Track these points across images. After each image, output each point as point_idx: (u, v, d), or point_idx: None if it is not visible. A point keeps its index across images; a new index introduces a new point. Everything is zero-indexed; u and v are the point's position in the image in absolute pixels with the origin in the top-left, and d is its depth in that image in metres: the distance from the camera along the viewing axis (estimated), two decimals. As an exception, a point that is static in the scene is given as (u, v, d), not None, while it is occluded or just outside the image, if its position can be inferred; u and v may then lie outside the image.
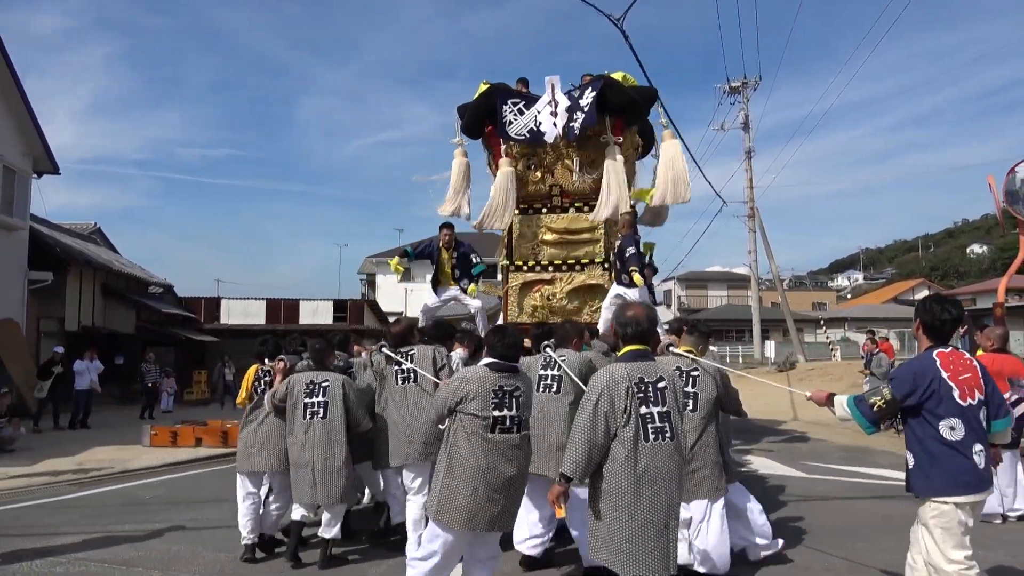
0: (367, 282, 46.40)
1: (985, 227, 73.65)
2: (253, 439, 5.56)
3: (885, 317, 41.07)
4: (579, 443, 3.25)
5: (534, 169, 8.15)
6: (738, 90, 29.84)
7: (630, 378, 3.32)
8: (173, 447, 11.96)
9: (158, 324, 23.87)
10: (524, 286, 8.12)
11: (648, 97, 8.04)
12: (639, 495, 3.22)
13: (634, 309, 3.58)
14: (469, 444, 3.80)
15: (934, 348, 3.57)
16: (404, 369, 5.41)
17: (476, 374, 3.93)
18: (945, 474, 3.43)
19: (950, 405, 3.43)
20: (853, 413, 3.64)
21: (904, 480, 3.71)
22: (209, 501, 7.82)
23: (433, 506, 3.82)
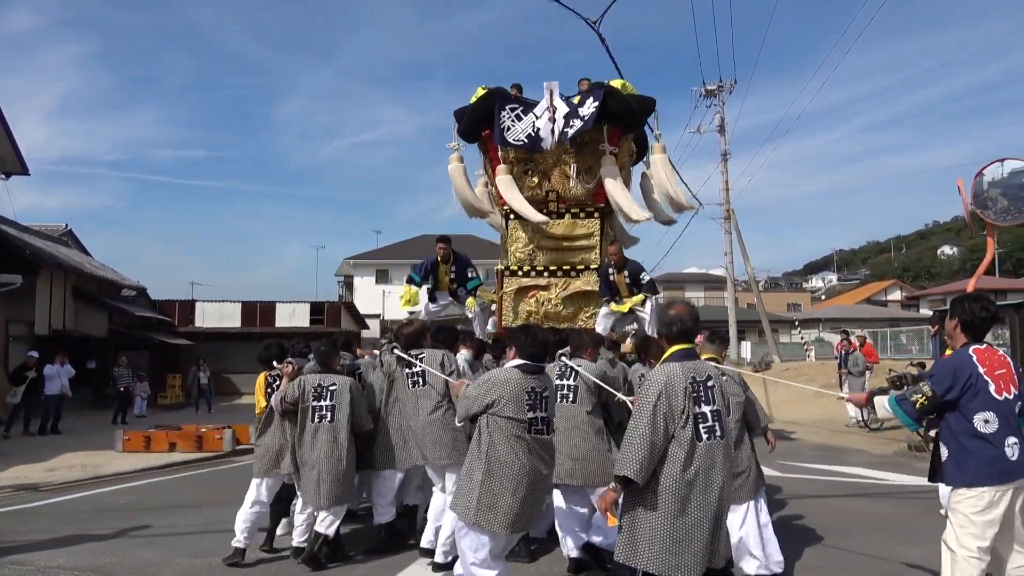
0: (344, 284, 46.13)
1: (955, 229, 74.92)
2: (268, 446, 5.57)
3: (858, 318, 41.63)
4: (641, 445, 3.14)
5: (530, 175, 8.16)
6: (714, 93, 30.11)
7: (685, 377, 3.27)
8: (146, 452, 11.79)
9: (131, 327, 23.52)
10: (519, 291, 8.12)
11: (646, 106, 8.10)
12: (691, 495, 3.18)
13: (676, 308, 3.51)
14: (510, 447, 3.78)
15: (970, 345, 3.70)
16: (416, 372, 5.41)
17: (508, 376, 3.90)
18: (978, 465, 3.55)
19: (986, 399, 3.56)
20: (896, 412, 3.76)
21: (928, 471, 3.86)
22: (183, 506, 7.72)
23: (471, 511, 3.74)
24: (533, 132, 7.78)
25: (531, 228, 8.14)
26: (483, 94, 8.20)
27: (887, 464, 10.19)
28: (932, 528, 6.31)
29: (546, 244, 8.13)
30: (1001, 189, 10.12)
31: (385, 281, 41.44)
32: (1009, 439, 3.55)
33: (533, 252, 8.16)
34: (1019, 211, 10.24)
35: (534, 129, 7.78)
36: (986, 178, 10.18)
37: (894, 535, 6.13)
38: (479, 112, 8.14)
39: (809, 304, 59.44)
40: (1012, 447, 3.54)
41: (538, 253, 8.15)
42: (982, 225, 10.45)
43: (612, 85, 7.94)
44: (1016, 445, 3.56)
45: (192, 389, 21.51)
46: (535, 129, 7.78)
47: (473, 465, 3.87)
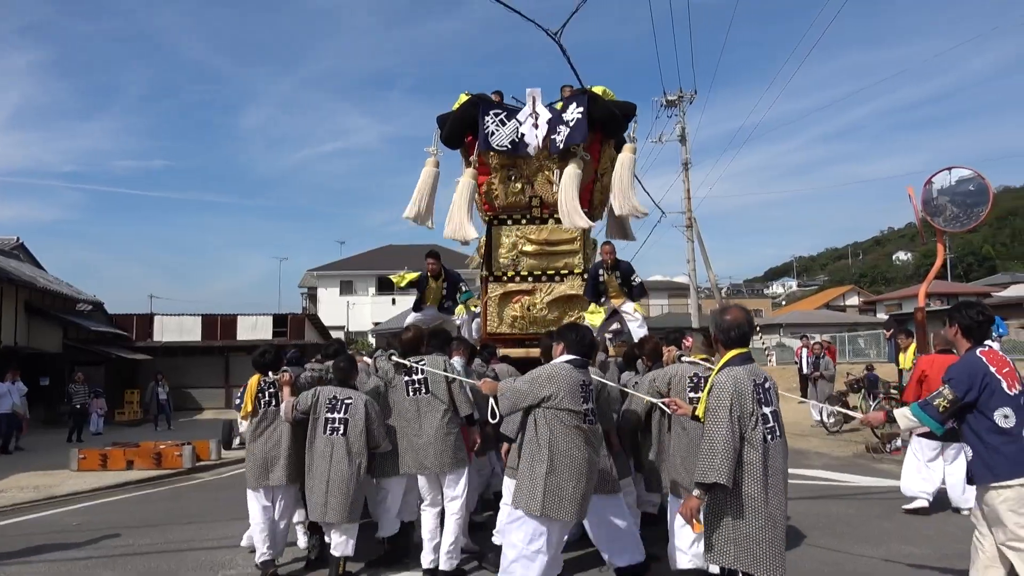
0: (308, 296, 45.61)
1: (909, 235, 76.92)
2: (269, 453, 5.45)
3: (818, 323, 42.38)
4: (723, 450, 3.21)
5: (514, 180, 8.15)
6: (675, 103, 30.49)
7: (751, 381, 3.36)
8: (103, 471, 11.47)
9: (87, 343, 22.91)
10: (503, 297, 8.10)
11: (627, 112, 8.16)
12: (767, 495, 3.28)
13: (732, 313, 3.57)
14: (570, 438, 4.01)
15: (975, 348, 3.92)
16: (415, 380, 5.33)
17: (563, 372, 4.10)
18: (1006, 459, 3.72)
19: (1001, 396, 3.76)
20: (922, 418, 3.90)
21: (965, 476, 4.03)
22: (140, 526, 7.53)
23: (537, 503, 3.93)
24: (517, 138, 7.83)
25: (514, 234, 8.16)
26: (466, 100, 8.20)
27: (846, 466, 10.38)
28: (889, 528, 6.49)
29: (530, 249, 8.16)
30: (949, 196, 10.43)
31: (349, 292, 41.14)
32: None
33: (517, 257, 8.18)
34: (967, 217, 10.56)
35: (518, 135, 7.83)
36: (935, 186, 10.49)
37: (852, 536, 6.24)
38: (462, 118, 8.14)
39: (770, 310, 60.43)
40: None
41: (522, 258, 8.17)
42: (933, 231, 10.74)
43: (594, 91, 8.00)
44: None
45: (151, 405, 20.99)
46: (519, 135, 7.82)
47: (535, 458, 4.05)
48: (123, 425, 21.33)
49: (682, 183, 30.55)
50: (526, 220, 8.13)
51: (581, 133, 7.60)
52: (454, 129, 8.15)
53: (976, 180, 10.31)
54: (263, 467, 5.44)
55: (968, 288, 45.25)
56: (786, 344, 36.42)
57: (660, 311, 51.70)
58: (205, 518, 7.84)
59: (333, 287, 41.55)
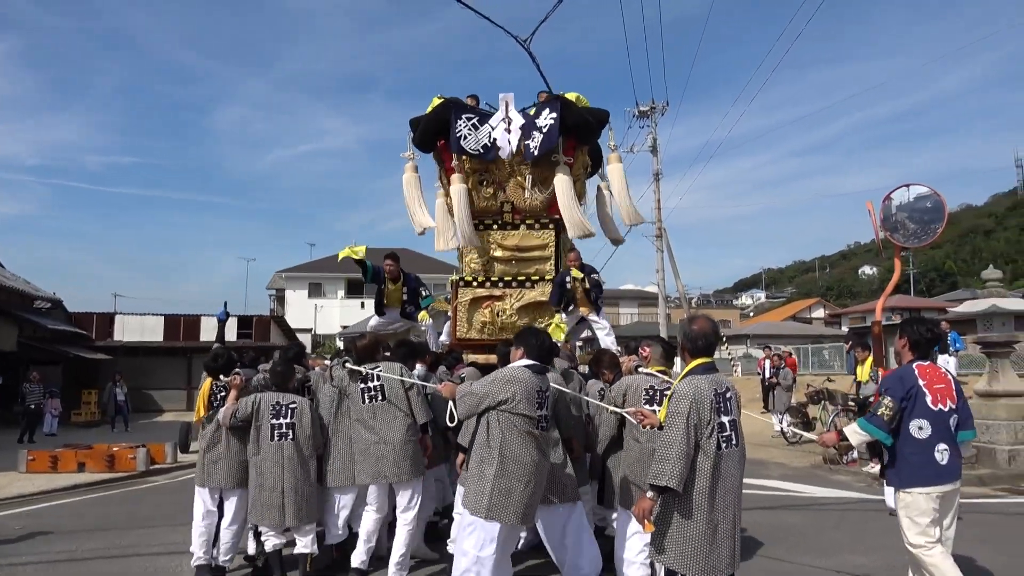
0: (276, 298, 45.08)
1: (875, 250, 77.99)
2: (216, 455, 5.37)
3: (784, 334, 42.97)
4: (676, 455, 3.29)
5: (485, 185, 8.10)
6: (646, 114, 30.74)
7: (710, 390, 3.43)
8: (53, 473, 11.19)
9: (43, 341, 22.37)
10: (473, 302, 8.02)
11: (600, 119, 8.17)
12: (713, 501, 3.36)
13: (700, 323, 3.65)
14: (523, 442, 4.02)
15: (915, 361, 4.18)
16: (371, 387, 5.23)
17: (521, 376, 4.10)
18: (911, 468, 4.02)
19: (922, 408, 4.03)
20: (870, 431, 4.11)
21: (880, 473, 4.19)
22: (86, 531, 7.34)
23: (483, 505, 3.94)
24: (489, 142, 7.80)
25: (485, 239, 8.12)
26: (439, 104, 8.14)
27: (804, 477, 10.50)
28: (841, 539, 6.56)
29: (500, 255, 8.12)
30: (907, 213, 10.62)
31: (318, 295, 40.76)
32: (939, 445, 4.00)
33: (488, 263, 8.14)
34: (924, 233, 10.77)
35: (490, 139, 7.80)
36: (894, 202, 10.67)
37: (804, 546, 6.30)
38: (435, 121, 8.07)
39: (738, 321, 61.13)
40: (942, 453, 4.00)
41: (493, 264, 8.13)
42: (892, 247, 10.94)
43: (567, 97, 8.00)
44: (946, 452, 4.00)
45: (108, 406, 20.55)
46: (491, 139, 7.80)
47: (484, 460, 4.04)
48: (79, 426, 20.86)
49: (653, 193, 30.83)
50: (497, 225, 8.10)
51: (553, 138, 7.60)
52: (427, 132, 8.10)
53: (933, 197, 10.53)
54: (210, 467, 5.37)
55: (928, 303, 46.22)
56: (752, 355, 36.82)
57: (630, 320, 52.01)
58: (155, 523, 7.68)
59: (302, 289, 41.13)
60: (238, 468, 5.34)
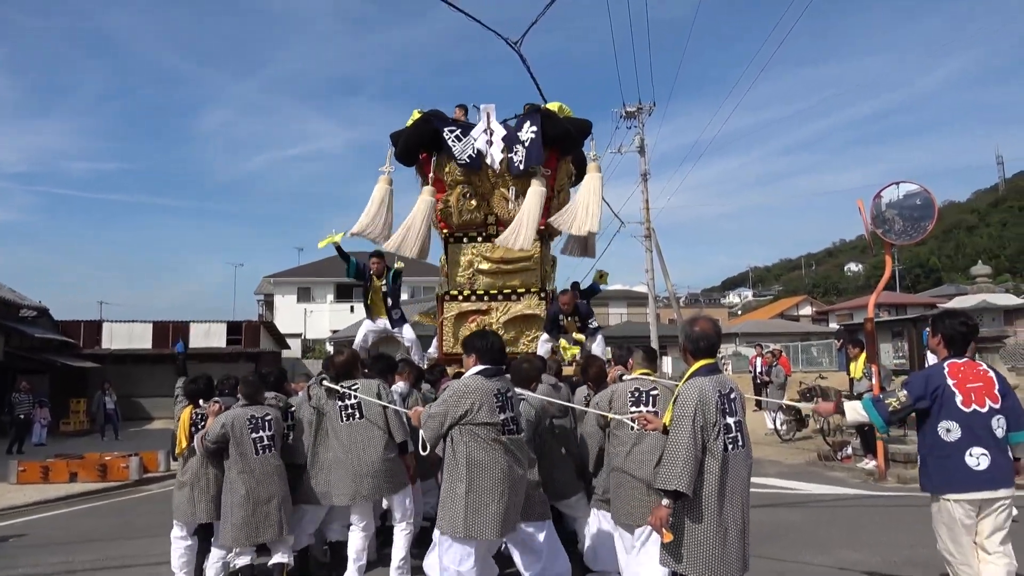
0: (264, 303, 44.80)
1: (860, 247, 78.90)
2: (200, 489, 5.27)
3: (772, 332, 43.20)
4: (685, 459, 3.26)
5: (469, 198, 8.05)
6: (634, 115, 30.80)
7: (715, 391, 3.40)
8: (44, 484, 11.07)
9: (30, 350, 22.14)
10: (459, 316, 7.98)
11: (582, 129, 8.14)
12: (722, 503, 3.33)
13: (702, 324, 3.61)
14: (488, 452, 3.87)
15: (948, 359, 3.91)
16: (349, 405, 5.14)
17: (474, 384, 3.96)
18: (940, 473, 3.78)
19: (950, 409, 3.75)
20: (870, 412, 3.93)
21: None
22: (81, 542, 7.26)
23: (459, 524, 3.81)
24: (473, 154, 7.78)
25: (470, 252, 8.07)
26: (419, 117, 8.12)
27: (799, 474, 10.54)
28: (836, 536, 6.58)
29: (485, 268, 8.07)
30: (897, 210, 10.69)
31: (307, 300, 40.54)
32: (973, 449, 3.69)
33: (473, 276, 8.09)
34: (914, 230, 10.83)
35: (474, 151, 7.78)
36: (884, 200, 10.73)
37: (801, 544, 6.31)
38: (417, 135, 8.05)
39: (727, 319, 61.34)
40: (977, 458, 3.69)
41: (478, 277, 8.08)
42: (882, 244, 11.00)
43: (548, 108, 7.99)
44: (984, 456, 3.68)
45: (97, 415, 20.34)
46: (474, 151, 7.78)
47: (454, 479, 3.91)
48: (68, 436, 20.61)
49: (641, 193, 30.92)
50: (482, 238, 8.08)
51: (537, 154, 7.60)
52: (408, 146, 8.07)
53: (922, 194, 10.59)
54: (192, 503, 5.27)
55: (916, 299, 46.66)
56: (742, 353, 36.97)
57: (619, 320, 52.13)
58: (150, 533, 7.57)
59: (291, 294, 40.89)
60: (216, 499, 5.26)
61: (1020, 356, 19.05)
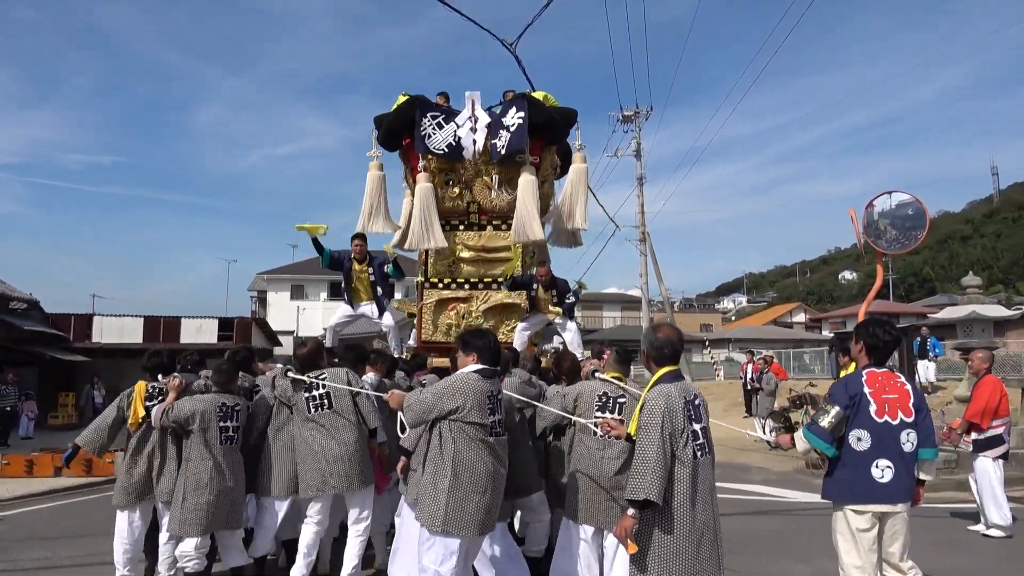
0: (258, 299, 44.67)
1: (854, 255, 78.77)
2: (140, 470, 5.14)
3: (765, 338, 43.26)
4: (654, 468, 3.21)
5: (451, 185, 7.98)
6: (630, 119, 30.87)
7: (681, 398, 3.37)
8: (28, 477, 11.01)
9: (19, 342, 22.00)
10: (439, 304, 7.91)
11: (568, 118, 8.06)
12: (694, 512, 3.29)
13: (664, 331, 3.60)
14: (475, 451, 3.85)
15: (867, 367, 3.89)
16: (317, 395, 5.06)
17: (470, 382, 3.93)
18: (845, 482, 3.76)
19: (863, 418, 3.74)
20: (811, 440, 3.86)
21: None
22: (62, 537, 7.22)
23: (439, 519, 3.79)
24: (454, 141, 7.68)
25: (451, 240, 8.01)
26: (404, 101, 8.02)
27: (786, 481, 10.56)
28: (819, 545, 6.54)
29: (466, 256, 8.03)
30: (889, 219, 10.71)
31: (300, 297, 40.44)
32: (880, 461, 3.69)
33: (453, 264, 8.04)
34: (906, 240, 10.85)
35: (455, 138, 7.67)
36: (876, 209, 10.75)
37: (783, 552, 6.32)
38: (400, 119, 7.94)
39: (720, 324, 61.49)
40: (883, 470, 3.68)
41: (458, 265, 8.03)
42: (874, 253, 11.02)
43: (534, 96, 7.93)
44: (888, 469, 3.68)
45: (86, 408, 20.25)
46: (456, 138, 7.68)
47: (437, 472, 3.87)
48: (56, 429, 20.51)
49: (636, 198, 30.95)
50: (464, 226, 8.02)
51: (521, 138, 7.52)
52: (391, 130, 7.98)
53: (914, 204, 10.62)
54: (144, 484, 5.14)
55: (907, 308, 46.78)
56: (734, 359, 37.04)
57: (613, 323, 52.16)
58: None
59: (284, 291, 40.78)
60: (171, 480, 5.12)
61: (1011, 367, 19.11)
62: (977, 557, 6.12)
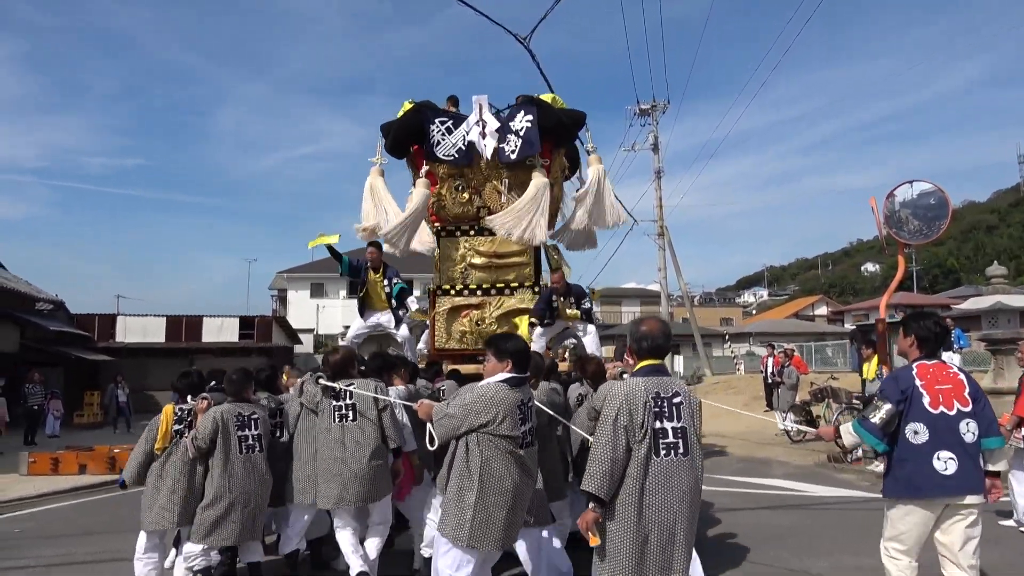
0: (278, 298, 45.06)
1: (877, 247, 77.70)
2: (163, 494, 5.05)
3: (787, 332, 42.89)
4: (602, 460, 3.15)
5: (461, 191, 7.95)
6: (647, 112, 30.73)
7: (647, 392, 3.26)
8: (54, 475, 11.15)
9: (45, 342, 22.37)
10: (452, 311, 7.88)
11: (576, 120, 8.01)
12: (641, 511, 3.17)
13: (648, 324, 3.50)
14: (503, 464, 3.72)
15: (918, 360, 3.84)
16: (343, 406, 5.00)
17: (501, 395, 3.75)
18: (907, 477, 3.68)
19: (918, 410, 3.67)
20: (861, 435, 3.83)
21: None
22: (85, 534, 7.31)
23: (464, 533, 3.66)
24: (463, 146, 7.67)
25: (462, 246, 7.98)
26: (410, 108, 8.01)
27: (807, 476, 10.42)
28: (840, 540, 6.48)
29: (478, 262, 7.99)
30: (911, 209, 10.53)
31: (320, 295, 40.70)
32: (941, 453, 3.62)
33: (466, 270, 8.00)
34: (929, 230, 10.66)
35: (464, 143, 7.67)
36: (897, 199, 10.58)
37: (802, 547, 6.23)
38: (407, 127, 7.94)
39: (741, 318, 61.01)
40: (945, 461, 3.61)
41: (471, 271, 7.99)
42: (895, 243, 10.84)
43: (542, 99, 7.90)
44: (952, 460, 3.60)
45: (110, 407, 20.54)
46: (465, 143, 7.67)
47: (463, 485, 3.74)
48: (82, 428, 20.85)
49: (654, 192, 30.79)
50: (474, 231, 7.99)
51: (534, 145, 7.48)
52: (398, 138, 7.97)
53: (936, 194, 10.43)
54: (164, 508, 5.03)
55: (931, 300, 46.08)
56: (755, 353, 36.73)
57: (632, 318, 51.99)
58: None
59: (304, 289, 41.06)
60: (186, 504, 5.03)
61: (1037, 358, 18.78)
62: (1009, 552, 6.00)
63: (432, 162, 7.78)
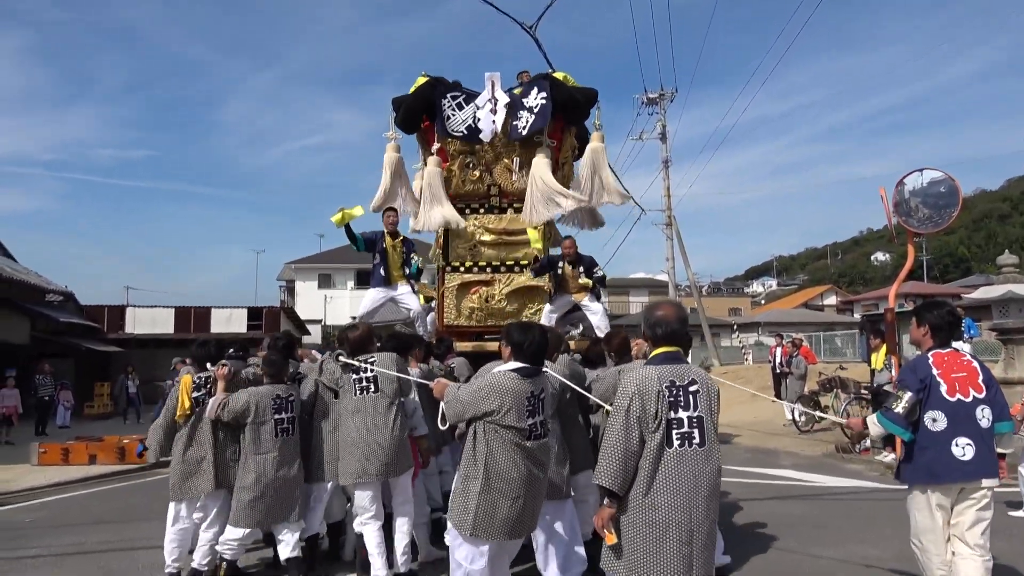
0: (287, 289, 45.21)
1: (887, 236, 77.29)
2: (191, 461, 5.12)
3: (796, 322, 42.71)
4: (615, 452, 3.04)
5: (472, 168, 7.91)
6: (655, 101, 30.53)
7: (661, 381, 3.11)
8: (65, 465, 11.25)
9: (55, 334, 22.52)
10: (461, 287, 7.86)
11: (589, 97, 7.94)
12: (656, 503, 3.03)
13: (663, 308, 3.34)
14: (509, 456, 3.66)
15: (933, 349, 3.91)
16: (364, 378, 4.98)
17: (508, 384, 3.68)
18: (927, 464, 3.76)
19: (936, 398, 3.76)
20: (887, 425, 3.89)
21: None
22: (96, 523, 7.36)
23: (468, 523, 3.64)
24: (473, 123, 7.61)
25: (472, 223, 7.95)
26: (423, 83, 7.94)
27: (815, 466, 10.40)
28: (849, 530, 6.47)
29: (488, 239, 7.97)
30: (921, 198, 10.39)
31: (328, 286, 40.80)
32: (959, 439, 3.71)
33: (475, 247, 7.99)
34: (939, 218, 10.53)
35: (475, 120, 7.61)
36: (907, 187, 10.44)
37: (811, 537, 6.22)
38: (419, 101, 7.86)
39: (750, 308, 60.80)
40: (963, 447, 3.70)
41: (480, 248, 7.98)
42: (904, 232, 10.74)
43: (555, 76, 7.84)
44: (969, 446, 3.70)
45: (120, 398, 20.69)
46: (476, 120, 7.61)
47: (469, 474, 3.71)
48: (92, 419, 21.01)
49: (662, 181, 30.64)
50: (484, 209, 7.95)
51: (545, 119, 7.43)
52: (410, 112, 7.90)
53: (947, 182, 10.30)
54: (191, 476, 5.10)
55: (942, 289, 45.78)
56: (764, 343, 36.63)
57: (640, 308, 51.90)
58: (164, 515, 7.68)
59: (311, 280, 41.16)
60: (223, 470, 5.12)
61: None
62: (1019, 543, 5.97)
63: (444, 138, 7.75)
